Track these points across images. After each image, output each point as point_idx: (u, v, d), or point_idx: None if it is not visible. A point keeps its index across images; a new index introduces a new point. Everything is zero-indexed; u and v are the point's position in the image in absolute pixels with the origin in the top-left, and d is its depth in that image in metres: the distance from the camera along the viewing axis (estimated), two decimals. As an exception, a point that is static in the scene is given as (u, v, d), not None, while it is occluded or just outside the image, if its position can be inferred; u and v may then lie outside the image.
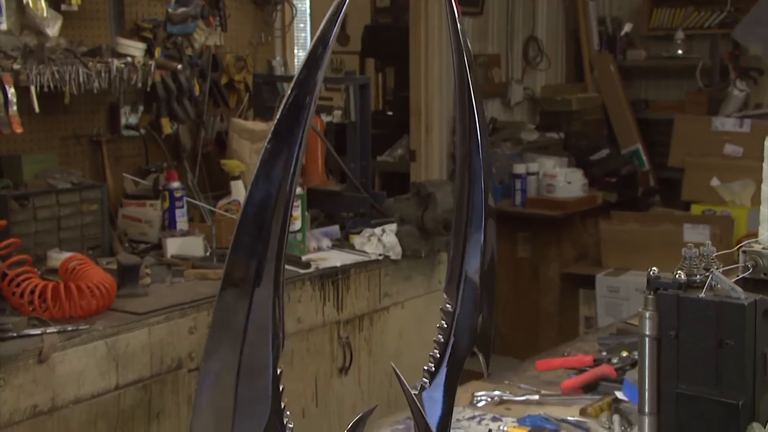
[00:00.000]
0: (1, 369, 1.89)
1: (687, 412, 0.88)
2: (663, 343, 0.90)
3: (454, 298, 0.79)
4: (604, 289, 3.79)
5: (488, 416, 1.72)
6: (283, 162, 0.69)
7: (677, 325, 0.89)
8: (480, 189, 0.71)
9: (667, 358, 0.90)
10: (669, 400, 0.90)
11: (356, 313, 2.89)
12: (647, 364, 0.92)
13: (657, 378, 0.91)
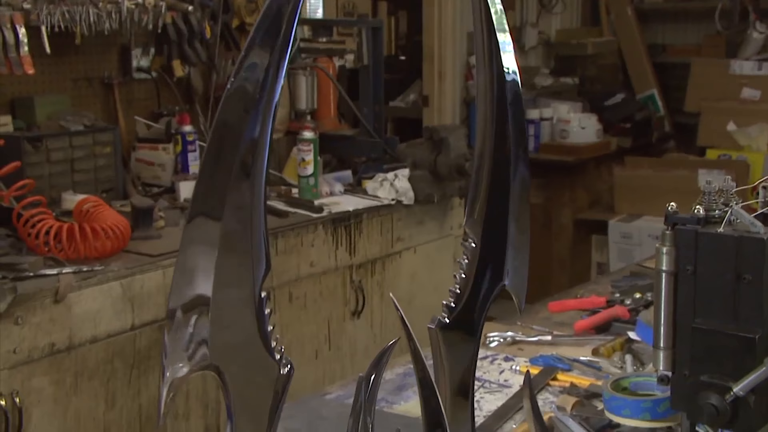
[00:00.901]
0: (19, 307, 1.91)
1: (702, 346, 0.88)
2: (680, 279, 0.90)
3: (477, 232, 0.77)
4: (616, 235, 3.78)
5: (501, 356, 1.74)
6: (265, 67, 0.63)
7: (695, 260, 0.88)
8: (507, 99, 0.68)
9: (684, 293, 0.90)
10: (684, 334, 0.90)
11: (368, 257, 2.90)
12: (663, 300, 0.92)
13: (673, 313, 0.91)
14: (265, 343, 0.65)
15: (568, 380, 1.57)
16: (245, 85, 0.61)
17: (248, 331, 0.64)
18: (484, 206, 0.76)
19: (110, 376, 2.12)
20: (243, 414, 0.63)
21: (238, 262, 0.64)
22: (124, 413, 2.16)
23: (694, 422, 0.90)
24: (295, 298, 2.65)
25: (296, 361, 2.57)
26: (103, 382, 2.11)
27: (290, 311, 2.63)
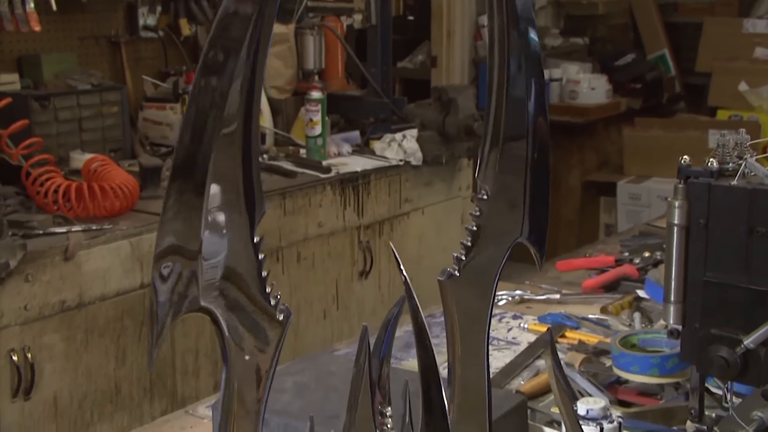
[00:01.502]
0: (29, 265, 1.92)
1: (713, 299, 0.88)
2: (691, 232, 0.89)
3: (490, 182, 0.74)
4: (625, 197, 3.77)
5: (509, 314, 1.74)
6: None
7: (707, 213, 0.88)
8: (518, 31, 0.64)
9: (696, 246, 0.89)
10: (695, 288, 0.90)
11: (376, 218, 2.90)
12: (674, 254, 0.91)
13: (684, 267, 0.91)
14: (260, 288, 0.63)
15: (576, 338, 1.57)
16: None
17: (241, 275, 0.62)
18: (497, 155, 0.73)
19: (120, 333, 2.14)
20: (239, 360, 0.62)
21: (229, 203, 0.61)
22: (135, 370, 2.18)
23: (704, 375, 0.90)
24: (303, 258, 2.66)
25: (304, 320, 2.59)
26: (114, 340, 2.13)
27: (298, 271, 2.64)
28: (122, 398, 2.15)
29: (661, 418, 1.22)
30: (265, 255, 0.65)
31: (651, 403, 1.29)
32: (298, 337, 2.63)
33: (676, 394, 1.29)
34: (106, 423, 2.09)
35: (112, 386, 2.13)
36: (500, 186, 0.75)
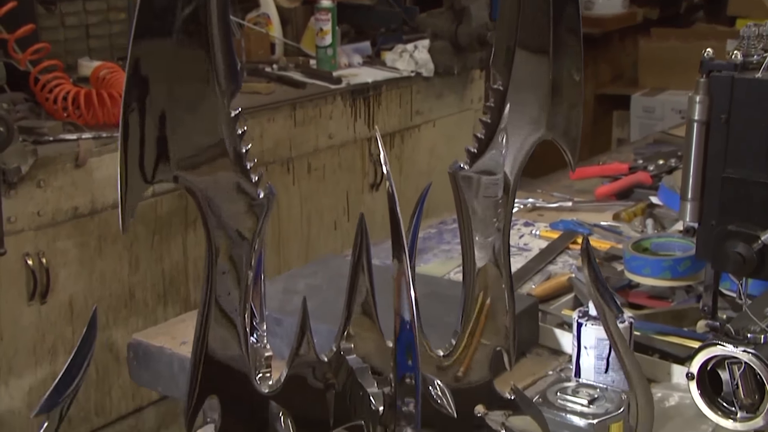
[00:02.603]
0: (40, 170, 1.92)
1: (732, 196, 0.87)
2: (712, 128, 0.88)
3: (506, 72, 0.70)
4: (638, 110, 3.72)
5: (520, 221, 1.74)
6: None
7: (729, 108, 0.86)
8: None
9: (716, 142, 0.88)
10: (714, 185, 0.89)
11: (387, 130, 2.88)
12: (693, 150, 0.90)
13: (703, 164, 0.89)
14: (237, 163, 0.60)
15: (587, 244, 1.58)
16: None
17: (214, 146, 0.59)
18: (514, 43, 0.68)
19: (133, 240, 2.16)
20: (222, 238, 0.60)
21: (203, 76, 0.58)
22: (148, 276, 2.20)
23: (719, 272, 0.90)
24: (314, 169, 2.65)
25: (315, 231, 2.60)
26: (126, 246, 2.15)
27: (309, 183, 2.64)
28: (136, 303, 2.18)
29: (672, 320, 1.23)
30: (245, 130, 0.61)
31: (662, 305, 1.30)
32: (309, 247, 2.64)
33: (687, 297, 1.30)
34: (120, 327, 2.12)
35: (126, 292, 2.15)
36: (518, 76, 0.70)
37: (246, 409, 0.59)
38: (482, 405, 0.68)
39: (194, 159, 0.59)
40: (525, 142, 0.75)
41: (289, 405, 0.60)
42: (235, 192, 0.60)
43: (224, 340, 0.58)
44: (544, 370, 1.19)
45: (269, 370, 0.61)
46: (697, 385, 0.91)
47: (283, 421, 0.59)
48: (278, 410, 0.60)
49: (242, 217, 0.59)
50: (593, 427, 1.00)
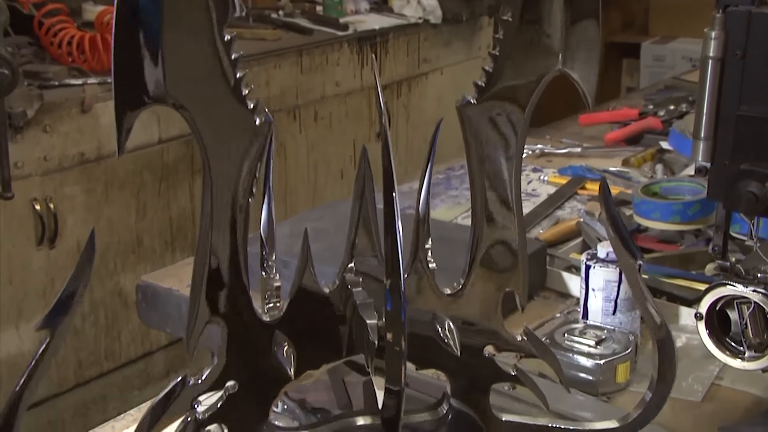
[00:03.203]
0: (46, 115, 1.91)
1: (746, 134, 0.86)
2: (727, 65, 0.86)
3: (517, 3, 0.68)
4: (648, 58, 3.67)
5: (529, 167, 1.73)
6: None
7: (745, 43, 0.84)
8: None
9: (730, 79, 0.87)
10: (727, 123, 0.87)
11: (394, 78, 2.85)
12: (707, 88, 0.88)
13: (717, 102, 0.88)
14: (232, 88, 0.58)
15: (596, 189, 1.56)
16: None
17: (208, 69, 0.57)
18: None
19: (140, 187, 2.15)
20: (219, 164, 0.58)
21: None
22: (155, 223, 2.21)
23: (730, 211, 0.89)
24: (321, 117, 2.64)
25: (322, 180, 2.59)
26: (134, 193, 2.15)
27: (316, 131, 2.62)
28: (144, 250, 2.19)
29: (680, 264, 1.23)
30: (240, 55, 0.60)
31: (671, 249, 1.29)
32: (316, 196, 2.64)
33: (695, 241, 1.29)
34: (129, 273, 2.13)
35: (134, 238, 2.16)
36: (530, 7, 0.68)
37: (247, 336, 0.59)
38: (492, 346, 0.68)
39: (188, 81, 0.58)
40: (536, 75, 0.72)
41: (291, 335, 0.60)
42: (230, 116, 0.58)
43: (224, 265, 0.58)
44: (551, 312, 1.20)
45: (278, 300, 0.61)
46: (705, 326, 0.91)
47: (285, 350, 0.59)
48: (281, 339, 0.60)
49: (239, 143, 0.58)
50: (600, 367, 1.01)
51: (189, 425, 0.59)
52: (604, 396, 1.01)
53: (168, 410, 0.58)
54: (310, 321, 0.61)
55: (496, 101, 0.74)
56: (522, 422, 0.68)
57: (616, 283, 1.09)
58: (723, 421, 0.92)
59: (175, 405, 0.58)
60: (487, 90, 0.73)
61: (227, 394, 0.59)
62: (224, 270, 0.58)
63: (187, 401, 0.58)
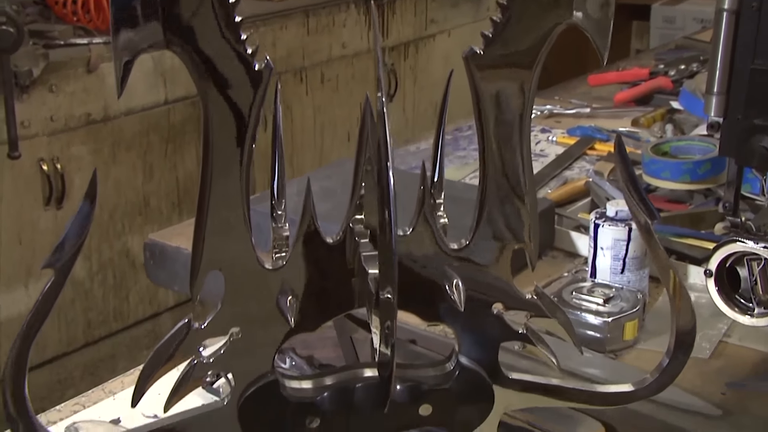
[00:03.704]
0: (52, 75, 1.91)
1: (760, 88, 0.85)
2: (742, 17, 0.85)
3: None
4: (658, 20, 3.62)
5: (537, 128, 1.72)
6: None
7: (761, -5, 0.83)
8: None
9: (745, 32, 0.85)
10: (741, 77, 0.86)
11: (401, 39, 2.83)
12: (721, 42, 0.87)
13: (731, 56, 0.87)
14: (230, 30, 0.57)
15: (605, 149, 1.56)
16: None
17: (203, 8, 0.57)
18: None
19: (147, 149, 2.15)
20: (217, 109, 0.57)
21: None
22: (162, 185, 2.20)
23: (743, 167, 0.89)
24: (327, 79, 2.62)
25: (329, 142, 2.57)
26: (140, 155, 2.14)
27: (322, 93, 2.61)
28: (151, 211, 2.19)
29: (690, 223, 1.22)
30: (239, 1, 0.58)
31: (680, 209, 1.29)
32: (323, 158, 2.63)
33: (705, 201, 1.28)
34: (136, 234, 2.14)
35: (141, 199, 2.16)
36: None
37: (249, 283, 0.59)
38: (501, 304, 0.66)
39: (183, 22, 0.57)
40: (547, 25, 0.70)
41: (294, 285, 0.60)
42: (228, 59, 0.57)
43: (225, 211, 0.58)
44: (559, 272, 1.20)
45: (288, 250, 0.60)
46: (714, 282, 0.91)
47: (288, 300, 0.59)
48: (284, 288, 0.60)
49: (239, 89, 0.57)
50: (608, 325, 1.01)
51: (194, 368, 0.59)
52: (611, 353, 1.01)
53: (173, 353, 0.59)
54: (313, 271, 0.60)
55: (504, 52, 0.72)
56: (532, 381, 0.67)
57: (624, 241, 1.09)
58: (731, 378, 0.93)
59: (181, 349, 0.59)
60: (494, 40, 0.71)
61: (231, 340, 0.59)
62: (225, 216, 0.58)
63: (191, 345, 0.59)
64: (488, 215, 0.67)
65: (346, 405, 0.61)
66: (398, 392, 0.63)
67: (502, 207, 0.67)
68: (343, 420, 0.61)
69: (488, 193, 0.65)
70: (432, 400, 0.63)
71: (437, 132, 0.66)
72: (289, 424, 0.61)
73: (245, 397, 0.60)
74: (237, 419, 0.60)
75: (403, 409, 0.62)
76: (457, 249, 0.65)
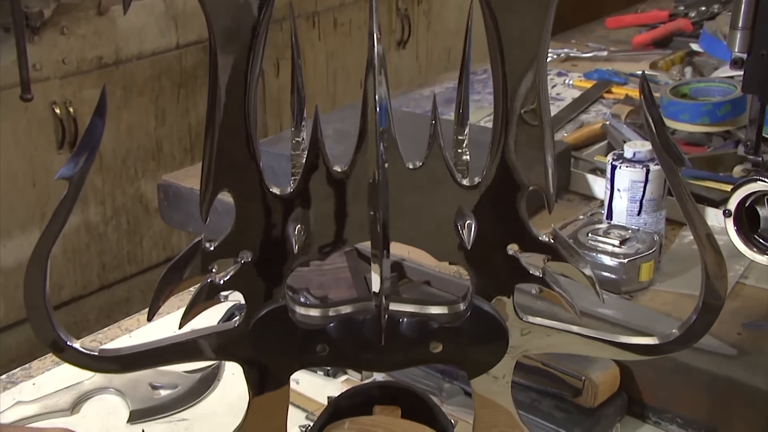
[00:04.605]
0: (63, 17, 1.89)
1: (785, 23, 0.83)
2: (770, -51, 0.83)
3: None
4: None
5: (553, 72, 1.70)
6: None
7: (790, -74, 0.81)
8: None
9: (772, -34, 0.83)
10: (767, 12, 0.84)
11: (415, -16, 2.79)
12: (747, -25, 0.85)
13: (757, -10, 0.85)
14: None
15: (622, 93, 1.54)
16: None
17: None
18: None
19: (158, 93, 2.14)
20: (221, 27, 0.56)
21: None
22: (175, 131, 2.20)
23: (765, 104, 0.87)
24: (340, 24, 2.58)
25: (341, 88, 2.55)
26: (152, 99, 2.13)
27: (335, 38, 2.57)
28: (164, 156, 2.19)
29: (707, 166, 1.21)
30: None
31: (699, 152, 1.27)
32: (335, 105, 2.61)
33: (724, 143, 1.27)
34: (149, 179, 2.14)
35: (154, 144, 2.16)
36: None
37: (257, 207, 0.59)
38: (516, 245, 0.64)
39: None
40: None
41: (302, 211, 0.59)
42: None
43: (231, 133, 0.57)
44: (575, 215, 1.19)
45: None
46: (733, 222, 0.90)
47: (295, 227, 0.59)
48: (292, 214, 0.59)
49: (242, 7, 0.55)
50: (623, 266, 1.00)
51: (206, 287, 0.60)
52: (626, 294, 1.01)
53: (184, 271, 0.60)
54: (321, 200, 0.59)
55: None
56: (550, 326, 0.65)
57: (642, 183, 1.07)
58: (746, 318, 0.92)
59: (192, 267, 0.59)
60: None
61: (242, 263, 0.60)
62: (232, 138, 0.57)
63: (203, 265, 0.59)
64: (503, 155, 0.64)
65: (354, 336, 0.61)
66: (407, 327, 0.62)
67: (517, 147, 0.65)
68: (352, 350, 0.61)
69: (503, 133, 0.62)
70: (442, 338, 0.62)
71: (463, 58, 0.64)
72: (300, 350, 0.61)
73: (257, 319, 0.61)
74: (249, 340, 0.61)
75: (412, 345, 0.62)
76: (469, 186, 0.62)
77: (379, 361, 0.63)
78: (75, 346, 0.61)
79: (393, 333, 0.61)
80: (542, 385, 0.90)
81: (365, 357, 0.62)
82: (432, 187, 0.61)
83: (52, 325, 0.60)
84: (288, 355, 0.62)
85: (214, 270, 0.60)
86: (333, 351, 0.61)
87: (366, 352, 0.62)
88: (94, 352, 0.61)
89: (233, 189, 0.59)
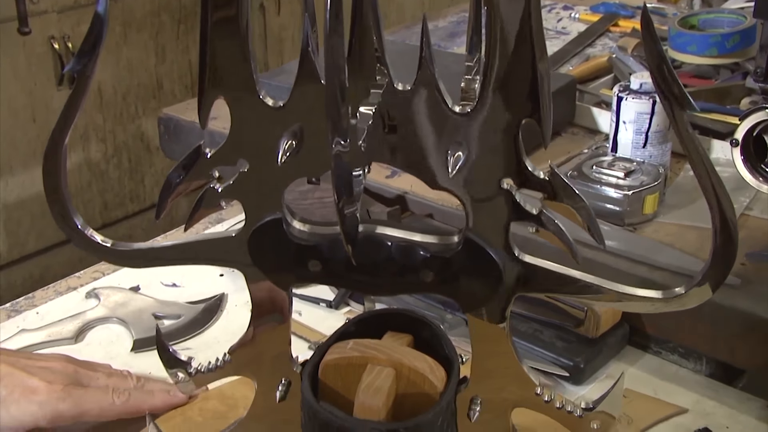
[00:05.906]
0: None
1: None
2: None
3: None
4: None
5: (559, 5, 1.67)
6: None
7: None
8: None
9: None
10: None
11: None
12: None
13: None
14: None
15: (629, 26, 1.51)
16: None
17: None
18: None
19: (158, 30, 2.11)
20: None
21: None
22: (175, 68, 2.17)
23: (775, 28, 0.85)
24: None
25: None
26: (152, 36, 2.10)
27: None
28: (164, 94, 2.16)
29: (715, 98, 1.19)
30: None
31: (706, 84, 1.25)
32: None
33: (731, 75, 1.25)
34: (150, 117, 2.12)
35: (154, 82, 2.13)
36: None
37: (252, 118, 0.59)
38: (511, 180, 0.60)
39: None
40: None
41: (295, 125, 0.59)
42: None
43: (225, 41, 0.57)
44: (579, 148, 1.18)
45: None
46: (740, 152, 0.89)
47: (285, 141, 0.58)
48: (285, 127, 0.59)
49: None
50: (628, 198, 0.99)
51: (208, 192, 0.60)
52: (630, 226, 1.00)
53: (184, 176, 0.60)
54: (312, 114, 0.58)
55: None
56: (546, 268, 0.63)
57: (648, 115, 1.06)
58: (751, 248, 0.92)
59: (191, 172, 0.60)
60: None
61: (240, 172, 0.60)
62: (224, 39, 0.57)
63: (201, 170, 0.60)
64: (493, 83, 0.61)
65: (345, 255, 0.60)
66: (396, 251, 0.61)
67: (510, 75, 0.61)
68: (343, 269, 0.61)
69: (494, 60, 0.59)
70: (433, 267, 0.62)
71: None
72: (293, 264, 0.61)
73: (254, 229, 0.61)
74: (246, 248, 0.62)
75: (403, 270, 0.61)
76: (460, 113, 0.59)
77: (370, 283, 0.63)
78: (87, 233, 0.64)
79: (382, 256, 0.61)
80: (544, 315, 0.90)
81: (356, 278, 0.62)
82: (422, 111, 0.58)
83: (68, 211, 0.63)
84: (284, 268, 0.62)
85: (216, 176, 0.60)
86: (325, 268, 0.62)
87: (356, 273, 0.61)
88: (106, 243, 0.64)
89: (227, 94, 0.58)
